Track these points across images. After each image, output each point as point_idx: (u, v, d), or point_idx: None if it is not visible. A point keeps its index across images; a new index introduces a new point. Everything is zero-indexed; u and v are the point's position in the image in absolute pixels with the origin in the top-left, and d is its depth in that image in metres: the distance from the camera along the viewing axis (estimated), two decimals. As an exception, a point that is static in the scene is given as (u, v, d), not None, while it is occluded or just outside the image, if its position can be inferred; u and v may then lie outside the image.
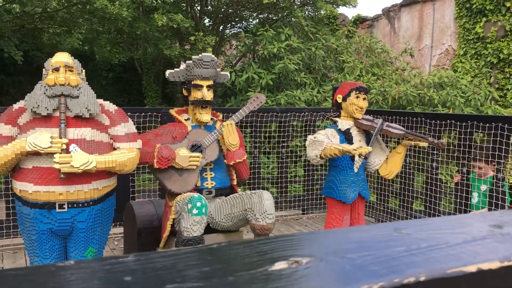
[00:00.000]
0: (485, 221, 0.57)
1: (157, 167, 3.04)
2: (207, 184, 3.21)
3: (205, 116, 3.22)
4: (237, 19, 10.01)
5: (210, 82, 3.23)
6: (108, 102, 2.87)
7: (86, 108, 2.63)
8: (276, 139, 5.43)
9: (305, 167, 5.41)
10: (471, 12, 8.50)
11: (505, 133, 3.70)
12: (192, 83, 3.20)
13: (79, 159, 2.49)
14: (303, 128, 5.47)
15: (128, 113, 4.33)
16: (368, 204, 5.05)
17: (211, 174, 3.23)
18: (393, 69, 8.45)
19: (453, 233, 0.52)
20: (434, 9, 9.19)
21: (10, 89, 9.66)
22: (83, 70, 2.84)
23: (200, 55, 3.23)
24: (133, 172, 4.45)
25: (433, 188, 4.32)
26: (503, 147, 3.73)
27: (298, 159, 6.02)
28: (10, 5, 9.40)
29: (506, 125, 3.71)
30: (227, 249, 0.43)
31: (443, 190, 4.40)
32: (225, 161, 3.26)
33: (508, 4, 7.89)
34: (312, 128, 5.27)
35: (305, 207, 5.34)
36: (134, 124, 4.30)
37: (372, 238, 0.50)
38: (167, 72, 3.27)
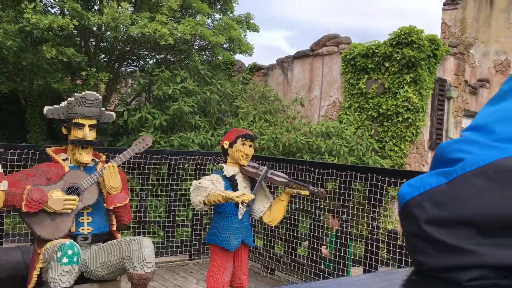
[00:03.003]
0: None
1: (25, 210, 2.78)
2: (83, 229, 3.00)
3: (85, 156, 3.05)
4: (134, 58, 9.86)
5: (93, 122, 3.09)
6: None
7: None
8: (166, 182, 5.31)
9: (194, 211, 5.33)
10: (355, 69, 9.24)
11: (379, 183, 3.97)
12: (73, 121, 3.04)
13: None
14: (194, 172, 5.42)
15: (1, 150, 3.98)
16: (254, 250, 5.07)
17: (88, 219, 3.03)
18: (284, 117, 8.81)
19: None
20: (323, 64, 9.85)
21: None
22: None
23: (83, 92, 3.10)
24: (2, 213, 4.06)
25: (316, 234, 4.46)
26: (378, 196, 3.99)
27: (188, 202, 5.92)
28: None
29: (380, 176, 3.99)
30: None
31: (324, 237, 4.56)
32: (104, 205, 3.08)
33: (386, 65, 8.71)
34: (203, 172, 5.25)
35: (193, 252, 5.22)
36: (7, 162, 3.96)
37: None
38: (45, 108, 3.08)
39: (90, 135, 3.05)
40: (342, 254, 4.17)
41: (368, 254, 3.96)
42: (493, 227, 0.55)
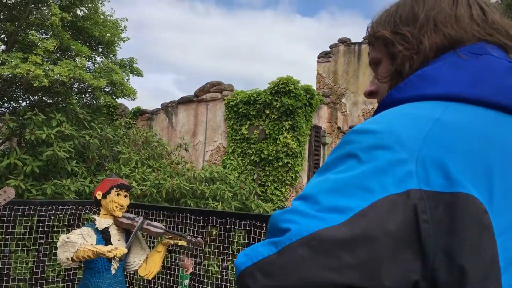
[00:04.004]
0: None
1: None
2: None
3: None
4: (4, 99, 9.15)
5: None
6: None
7: None
8: (34, 235, 4.89)
9: (66, 266, 4.94)
10: (238, 115, 9.53)
11: (258, 229, 4.06)
12: None
13: None
14: (68, 223, 5.07)
15: None
16: (133, 303, 4.82)
17: None
18: (168, 162, 8.71)
19: None
20: (207, 109, 10.02)
21: None
22: None
23: None
24: None
25: (197, 284, 4.39)
26: (257, 242, 4.06)
27: (61, 256, 5.48)
28: None
29: (258, 222, 4.08)
30: None
31: (205, 286, 4.50)
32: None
33: (267, 112, 9.11)
34: (77, 223, 4.93)
35: (64, 311, 4.81)
36: None
37: None
38: None
39: None
40: (222, 303, 4.14)
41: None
42: None
